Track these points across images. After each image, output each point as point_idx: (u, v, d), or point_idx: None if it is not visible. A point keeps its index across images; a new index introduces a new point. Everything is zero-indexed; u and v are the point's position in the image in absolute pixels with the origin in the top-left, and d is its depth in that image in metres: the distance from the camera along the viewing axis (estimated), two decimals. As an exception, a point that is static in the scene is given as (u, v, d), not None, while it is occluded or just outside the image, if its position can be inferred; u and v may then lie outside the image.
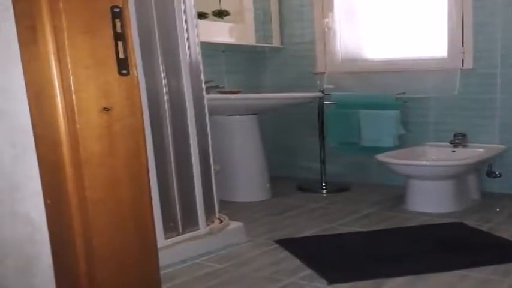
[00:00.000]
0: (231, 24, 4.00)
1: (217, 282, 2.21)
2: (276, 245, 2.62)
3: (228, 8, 3.93)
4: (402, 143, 3.74)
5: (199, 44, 2.56)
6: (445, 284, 2.14)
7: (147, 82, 2.27)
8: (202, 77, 2.59)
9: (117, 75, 1.43)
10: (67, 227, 1.39)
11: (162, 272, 1.64)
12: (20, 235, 1.45)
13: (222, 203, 2.94)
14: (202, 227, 2.55)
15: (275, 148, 4.22)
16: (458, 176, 3.23)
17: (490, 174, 3.52)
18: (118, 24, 1.40)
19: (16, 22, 1.33)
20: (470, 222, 2.94)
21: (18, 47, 1.34)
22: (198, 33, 2.56)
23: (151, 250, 1.58)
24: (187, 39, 2.48)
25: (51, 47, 1.31)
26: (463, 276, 2.19)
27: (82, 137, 1.36)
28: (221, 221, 2.66)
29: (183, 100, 2.47)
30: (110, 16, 1.39)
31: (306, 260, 2.39)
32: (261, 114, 3.69)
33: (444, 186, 3.19)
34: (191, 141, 2.50)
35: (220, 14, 3.89)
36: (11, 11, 1.33)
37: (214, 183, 2.65)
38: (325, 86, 3.93)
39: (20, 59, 1.35)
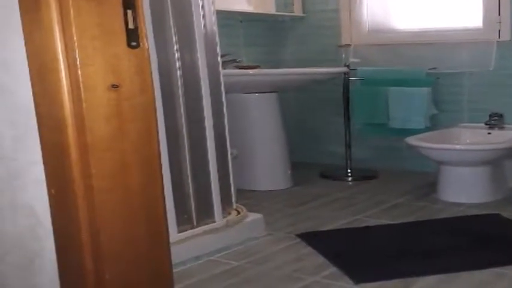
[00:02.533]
0: (249, -10, 3.96)
1: (234, 281, 2.19)
2: (298, 240, 2.61)
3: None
4: (434, 124, 3.72)
5: (215, 12, 2.52)
6: (481, 282, 2.12)
7: (158, 56, 2.24)
8: (218, 50, 2.55)
9: (126, 47, 1.40)
10: (72, 219, 1.38)
11: (174, 270, 1.62)
12: (21, 229, 1.44)
13: (239, 192, 2.92)
14: (218, 219, 2.53)
15: (296, 130, 4.19)
16: (494, 162, 3.20)
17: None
18: (127, -11, 1.38)
19: (17, -14, 1.31)
20: (507, 213, 2.91)
21: (19, 15, 1.31)
22: (214, 0, 2.52)
23: (163, 245, 1.56)
24: (202, 7, 2.45)
25: (55, 15, 1.28)
26: (499, 275, 2.17)
27: (88, 118, 1.34)
28: (238, 213, 2.64)
29: (197, 76, 2.44)
30: (118, -20, 1.36)
31: (330, 257, 2.38)
32: (282, 92, 3.65)
33: (478, 173, 3.17)
34: (206, 123, 2.47)
35: (237, -21, 3.85)
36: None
37: (231, 170, 2.63)
38: (351, 60, 3.89)
39: (21, 29, 1.32)
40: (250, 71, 3.45)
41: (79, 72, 1.32)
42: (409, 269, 2.24)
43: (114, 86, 1.38)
